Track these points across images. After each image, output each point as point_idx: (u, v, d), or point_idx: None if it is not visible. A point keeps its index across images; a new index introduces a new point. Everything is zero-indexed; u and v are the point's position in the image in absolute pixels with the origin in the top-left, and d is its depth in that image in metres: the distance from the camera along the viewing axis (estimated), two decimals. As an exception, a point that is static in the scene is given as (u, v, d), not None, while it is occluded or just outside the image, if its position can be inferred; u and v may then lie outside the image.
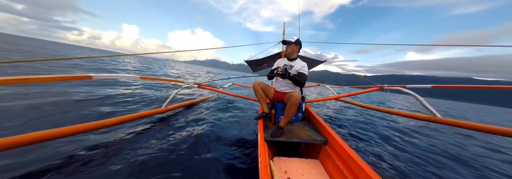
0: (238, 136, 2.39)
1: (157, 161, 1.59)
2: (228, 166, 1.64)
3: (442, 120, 1.92)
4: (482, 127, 1.58)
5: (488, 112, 25.33)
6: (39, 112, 2.31)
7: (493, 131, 1.48)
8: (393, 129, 3.89)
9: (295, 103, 1.80)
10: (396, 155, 2.45)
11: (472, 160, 2.58)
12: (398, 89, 2.66)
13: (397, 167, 2.06)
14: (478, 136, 3.98)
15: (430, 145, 3.03)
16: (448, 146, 3.12)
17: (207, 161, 1.68)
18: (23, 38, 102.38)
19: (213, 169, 1.58)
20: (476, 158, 2.67)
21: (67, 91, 3.43)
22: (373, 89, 3.16)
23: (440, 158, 2.53)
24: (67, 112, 2.44)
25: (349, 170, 1.31)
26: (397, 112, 2.53)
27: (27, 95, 2.90)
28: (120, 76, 2.33)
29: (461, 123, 1.73)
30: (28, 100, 2.66)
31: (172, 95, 2.89)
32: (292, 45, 2.26)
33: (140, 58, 44.37)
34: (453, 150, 2.95)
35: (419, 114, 2.18)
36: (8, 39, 33.32)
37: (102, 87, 4.19)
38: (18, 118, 2.07)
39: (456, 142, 3.39)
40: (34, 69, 5.47)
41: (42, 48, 20.13)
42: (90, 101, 3.06)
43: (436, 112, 2.04)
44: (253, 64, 5.41)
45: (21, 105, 2.46)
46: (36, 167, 1.34)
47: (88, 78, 1.85)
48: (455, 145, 3.21)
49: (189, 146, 1.93)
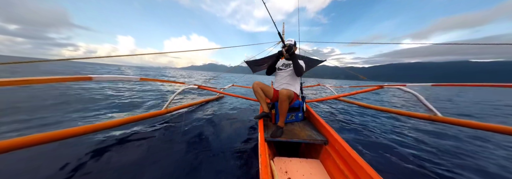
0: (238, 136, 2.39)
1: (157, 162, 1.59)
2: (229, 166, 1.64)
3: (442, 119, 1.91)
4: (483, 126, 1.58)
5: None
6: (40, 113, 2.32)
7: (494, 130, 1.48)
8: (394, 128, 3.88)
9: (284, 100, 1.83)
10: (396, 154, 2.45)
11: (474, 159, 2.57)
12: (398, 88, 2.66)
13: (398, 167, 2.06)
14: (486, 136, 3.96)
15: (432, 144, 3.02)
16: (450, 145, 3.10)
17: (207, 162, 1.68)
18: (18, 58, 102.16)
19: (213, 170, 1.57)
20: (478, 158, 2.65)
21: (66, 93, 3.44)
22: (373, 89, 3.15)
23: (441, 157, 2.52)
24: (66, 113, 2.44)
25: (350, 170, 1.30)
26: (397, 111, 2.52)
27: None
28: (120, 77, 2.33)
29: (462, 121, 1.73)
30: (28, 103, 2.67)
31: (172, 97, 2.90)
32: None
33: (137, 67, 44.27)
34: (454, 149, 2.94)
35: (420, 113, 2.17)
36: (3, 60, 33.00)
37: (101, 88, 4.20)
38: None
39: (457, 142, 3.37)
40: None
41: (35, 66, 19.26)
42: (89, 102, 3.06)
43: (437, 111, 2.04)
44: (252, 65, 5.42)
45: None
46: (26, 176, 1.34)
47: (89, 79, 1.85)
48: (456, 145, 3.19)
49: (189, 147, 1.93)
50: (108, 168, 1.42)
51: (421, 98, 2.18)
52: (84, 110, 2.65)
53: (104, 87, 4.36)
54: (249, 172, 1.59)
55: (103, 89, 4.15)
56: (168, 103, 2.80)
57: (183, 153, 1.78)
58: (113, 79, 2.21)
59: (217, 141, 2.18)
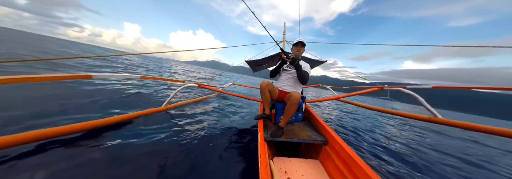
0: (238, 136, 2.39)
1: (155, 161, 1.59)
2: (228, 166, 1.64)
3: (442, 121, 1.91)
4: (482, 128, 1.58)
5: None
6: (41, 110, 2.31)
7: (493, 132, 1.48)
8: (393, 129, 3.88)
9: (295, 103, 1.81)
10: (396, 155, 2.45)
11: (474, 159, 2.58)
12: (399, 90, 2.66)
13: (397, 167, 2.06)
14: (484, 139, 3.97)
15: (431, 145, 3.02)
16: (448, 146, 3.11)
17: (206, 161, 1.68)
18: (23, 33, 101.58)
19: (212, 169, 1.57)
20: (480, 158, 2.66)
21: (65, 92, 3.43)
22: (373, 90, 3.15)
23: (442, 158, 2.53)
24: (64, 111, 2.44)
25: (349, 170, 1.30)
26: (397, 112, 2.52)
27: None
28: (120, 75, 2.33)
29: (461, 123, 1.73)
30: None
31: (172, 95, 2.89)
32: (299, 47, 2.30)
33: (139, 56, 44.36)
34: (454, 149, 2.94)
35: (420, 115, 2.17)
36: (6, 33, 33.02)
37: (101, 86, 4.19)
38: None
39: (458, 142, 3.38)
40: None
41: (39, 41, 19.35)
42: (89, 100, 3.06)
43: (437, 113, 2.04)
44: (253, 64, 5.42)
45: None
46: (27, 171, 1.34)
47: (89, 77, 1.85)
48: (457, 145, 3.20)
49: (187, 145, 1.93)
50: (102, 167, 1.42)
51: (421, 100, 2.18)
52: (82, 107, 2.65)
53: (103, 84, 4.36)
54: (248, 172, 1.59)
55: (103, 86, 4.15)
56: (167, 101, 2.80)
57: (181, 152, 1.78)
58: (113, 77, 2.21)
59: (216, 140, 2.18)
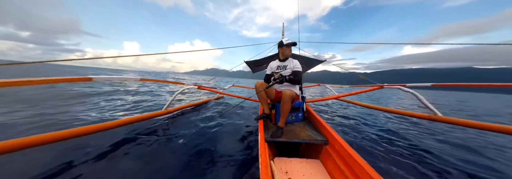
0: (238, 137, 2.39)
1: (156, 163, 1.59)
2: (229, 167, 1.63)
3: (442, 119, 1.91)
4: (482, 125, 1.58)
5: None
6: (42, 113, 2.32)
7: (493, 129, 1.48)
8: (394, 128, 3.88)
9: (287, 100, 1.83)
10: (397, 154, 2.44)
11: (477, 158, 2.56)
12: (398, 88, 2.66)
13: (398, 167, 2.05)
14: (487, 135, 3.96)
15: (433, 144, 3.01)
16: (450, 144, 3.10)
17: (207, 162, 1.68)
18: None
19: (213, 170, 1.57)
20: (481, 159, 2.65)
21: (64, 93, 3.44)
22: (373, 89, 3.16)
23: (442, 157, 2.52)
24: (64, 113, 2.44)
25: (350, 170, 1.30)
26: (397, 111, 2.52)
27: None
28: (120, 78, 2.33)
29: (461, 121, 1.73)
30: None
31: (172, 97, 2.89)
32: (291, 47, 2.33)
33: (140, 72, 44.36)
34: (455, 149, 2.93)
35: (420, 113, 2.17)
36: (12, 66, 32.88)
37: (101, 88, 4.20)
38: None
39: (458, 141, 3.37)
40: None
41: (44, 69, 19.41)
42: (89, 103, 3.06)
43: (437, 111, 2.04)
44: (252, 65, 5.43)
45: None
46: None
47: (89, 80, 1.86)
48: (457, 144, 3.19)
49: (188, 147, 1.93)
50: (102, 170, 1.42)
51: (421, 98, 2.18)
52: (82, 111, 2.65)
53: (103, 87, 4.36)
54: (249, 172, 1.59)
55: (102, 90, 4.15)
56: (168, 104, 2.80)
57: (182, 154, 1.78)
58: (113, 79, 2.21)
59: (216, 141, 2.18)
